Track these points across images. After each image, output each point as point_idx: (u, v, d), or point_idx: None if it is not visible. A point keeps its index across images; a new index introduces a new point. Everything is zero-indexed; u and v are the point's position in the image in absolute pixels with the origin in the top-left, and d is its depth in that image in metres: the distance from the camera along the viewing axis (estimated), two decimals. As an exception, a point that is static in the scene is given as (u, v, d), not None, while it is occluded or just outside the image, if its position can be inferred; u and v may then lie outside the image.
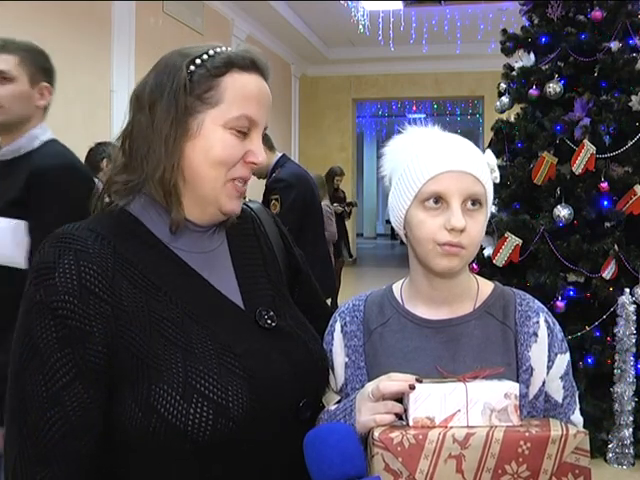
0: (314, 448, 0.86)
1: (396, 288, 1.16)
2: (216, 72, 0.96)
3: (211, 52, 0.97)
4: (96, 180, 3.73)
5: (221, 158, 0.95)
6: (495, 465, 0.87)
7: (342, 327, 1.14)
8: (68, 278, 0.86)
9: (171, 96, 0.94)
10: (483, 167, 1.04)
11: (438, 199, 1.01)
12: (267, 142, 3.60)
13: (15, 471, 0.86)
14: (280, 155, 3.67)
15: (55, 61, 1.83)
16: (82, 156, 3.87)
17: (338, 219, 6.67)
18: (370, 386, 0.97)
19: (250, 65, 0.98)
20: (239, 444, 0.90)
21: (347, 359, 1.11)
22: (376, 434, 0.89)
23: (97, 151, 3.75)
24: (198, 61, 0.96)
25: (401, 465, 0.87)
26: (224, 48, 0.99)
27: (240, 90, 0.96)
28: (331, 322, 1.16)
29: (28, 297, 0.88)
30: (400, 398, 0.95)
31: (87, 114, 4.88)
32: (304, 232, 3.32)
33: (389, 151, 1.12)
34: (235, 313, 0.99)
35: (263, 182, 3.65)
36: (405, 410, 0.93)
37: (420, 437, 0.88)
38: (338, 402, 1.05)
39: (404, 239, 1.11)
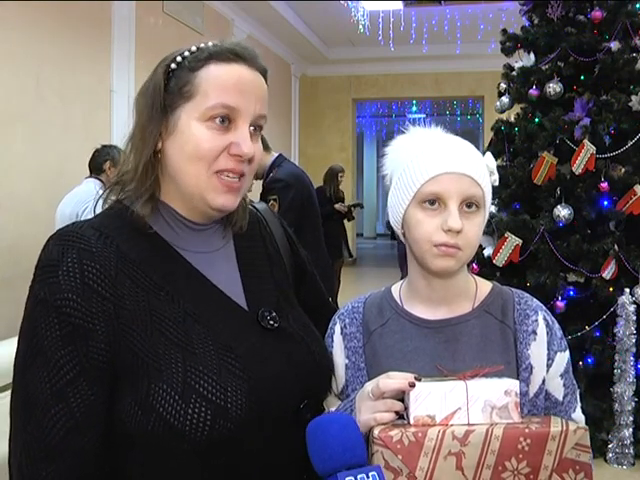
0: (315, 438, 0.86)
1: (395, 289, 1.17)
2: (193, 66, 0.95)
3: (193, 48, 0.97)
4: (98, 182, 3.73)
5: (196, 153, 0.93)
6: (495, 462, 0.87)
7: (342, 329, 1.14)
8: (71, 276, 0.86)
9: (148, 95, 0.95)
10: (482, 169, 1.05)
11: (436, 200, 1.02)
12: (262, 142, 3.58)
13: (21, 467, 0.86)
14: (276, 155, 3.65)
15: (55, 61, 1.84)
16: (82, 156, 3.88)
17: (339, 219, 6.66)
18: (370, 385, 0.97)
19: (230, 56, 0.96)
20: (239, 444, 0.90)
21: (347, 361, 1.12)
22: (376, 432, 0.90)
23: (102, 153, 3.75)
24: (179, 58, 0.96)
25: (401, 463, 0.87)
26: (210, 44, 0.98)
27: (215, 80, 0.94)
28: (331, 324, 1.16)
29: (33, 295, 0.88)
30: (401, 397, 0.95)
31: (87, 114, 4.86)
32: (303, 233, 3.30)
33: (391, 150, 1.12)
34: (237, 313, 0.99)
35: (260, 182, 3.64)
36: (406, 409, 0.93)
37: (419, 435, 0.88)
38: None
39: (402, 239, 1.11)
